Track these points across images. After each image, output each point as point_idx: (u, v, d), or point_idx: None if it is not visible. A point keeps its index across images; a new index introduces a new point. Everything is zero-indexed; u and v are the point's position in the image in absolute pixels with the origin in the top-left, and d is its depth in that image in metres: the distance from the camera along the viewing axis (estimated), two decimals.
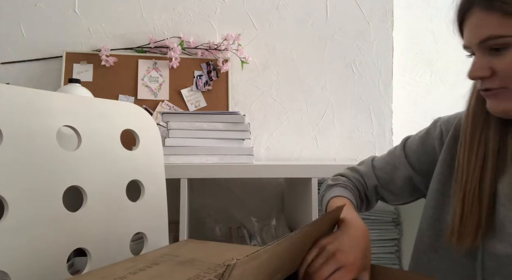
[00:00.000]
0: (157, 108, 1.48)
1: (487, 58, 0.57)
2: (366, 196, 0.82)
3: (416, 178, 0.77)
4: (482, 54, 0.57)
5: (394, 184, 0.79)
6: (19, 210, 0.54)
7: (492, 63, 0.57)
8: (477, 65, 0.58)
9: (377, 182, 0.80)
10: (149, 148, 0.75)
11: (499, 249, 0.60)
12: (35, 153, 0.57)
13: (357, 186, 0.81)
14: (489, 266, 0.61)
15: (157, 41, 1.50)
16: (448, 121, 0.74)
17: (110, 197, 0.67)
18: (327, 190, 0.80)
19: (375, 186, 0.80)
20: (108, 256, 0.65)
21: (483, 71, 0.57)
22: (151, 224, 0.74)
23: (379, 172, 0.81)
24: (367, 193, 0.81)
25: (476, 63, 0.58)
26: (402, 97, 1.67)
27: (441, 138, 0.74)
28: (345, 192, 0.77)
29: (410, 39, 1.70)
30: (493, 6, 0.54)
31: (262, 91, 1.57)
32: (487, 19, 0.55)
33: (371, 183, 0.81)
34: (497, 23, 0.54)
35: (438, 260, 0.69)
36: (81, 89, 1.25)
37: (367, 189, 0.81)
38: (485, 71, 0.57)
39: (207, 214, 1.47)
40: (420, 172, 0.77)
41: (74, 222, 0.61)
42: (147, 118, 0.76)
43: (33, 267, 0.55)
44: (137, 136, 0.73)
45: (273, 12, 1.58)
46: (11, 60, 1.44)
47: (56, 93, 0.62)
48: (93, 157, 0.65)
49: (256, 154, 1.51)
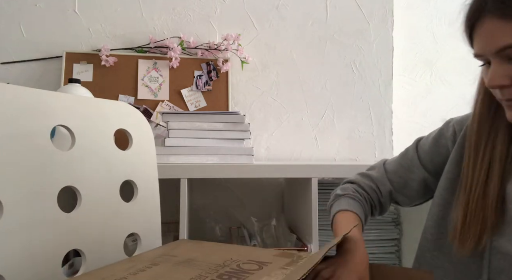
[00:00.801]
0: (157, 108, 1.48)
1: (505, 66, 0.55)
2: (380, 202, 0.80)
3: (429, 179, 0.76)
4: (500, 62, 0.56)
5: (410, 187, 0.78)
6: (13, 211, 0.53)
7: (511, 71, 0.55)
8: (496, 73, 0.56)
9: (392, 187, 0.78)
10: (142, 148, 0.75)
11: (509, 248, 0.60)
12: (29, 153, 0.56)
13: (370, 194, 0.79)
14: (496, 265, 0.61)
15: (157, 41, 1.50)
16: (461, 122, 0.74)
17: (105, 198, 0.67)
18: (335, 201, 0.78)
19: (389, 191, 0.79)
20: (103, 257, 0.64)
21: (503, 79, 0.56)
22: (144, 224, 0.73)
23: (393, 176, 0.79)
24: (381, 199, 0.79)
25: (494, 72, 0.56)
26: (402, 97, 1.67)
27: (454, 138, 0.73)
28: (353, 204, 0.75)
29: (410, 39, 1.70)
30: (508, 14, 0.52)
31: (262, 91, 1.57)
32: (502, 28, 0.53)
33: (385, 189, 0.79)
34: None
35: (442, 257, 0.69)
36: (81, 89, 1.25)
37: (381, 195, 0.79)
38: (505, 79, 0.56)
39: (207, 214, 1.47)
40: (434, 173, 0.76)
41: (69, 223, 0.60)
42: (140, 118, 0.76)
43: (28, 268, 0.54)
44: (130, 136, 0.73)
45: (273, 12, 1.58)
46: (11, 60, 1.44)
47: (48, 91, 0.61)
48: (87, 157, 0.64)
49: (256, 154, 1.51)
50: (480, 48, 0.58)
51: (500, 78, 0.56)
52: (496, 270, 0.61)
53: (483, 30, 0.56)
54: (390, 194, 0.79)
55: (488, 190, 0.62)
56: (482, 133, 0.65)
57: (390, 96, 1.63)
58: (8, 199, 0.53)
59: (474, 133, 0.66)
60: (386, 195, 0.79)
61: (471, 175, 0.64)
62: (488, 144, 0.64)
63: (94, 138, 0.66)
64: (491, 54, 0.56)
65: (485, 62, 0.60)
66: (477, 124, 0.66)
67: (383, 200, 0.79)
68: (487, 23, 0.55)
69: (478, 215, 0.62)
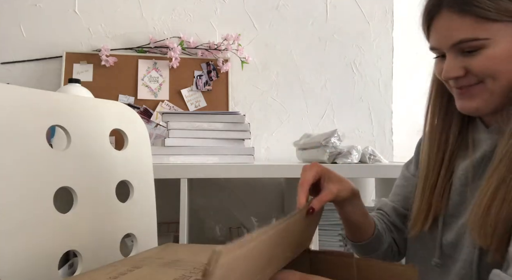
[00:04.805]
0: (157, 108, 1.48)
1: (459, 58, 0.58)
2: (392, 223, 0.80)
3: None
4: (454, 55, 0.59)
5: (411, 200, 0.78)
6: (9, 212, 0.53)
7: (465, 62, 0.58)
8: (451, 65, 0.59)
9: (394, 204, 0.80)
10: (138, 148, 0.75)
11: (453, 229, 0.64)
12: (25, 153, 0.56)
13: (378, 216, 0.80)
14: (445, 246, 0.65)
15: (157, 41, 1.50)
16: None
17: (100, 198, 0.66)
18: None
19: (393, 207, 0.80)
20: (99, 257, 0.64)
21: (457, 71, 0.59)
22: (140, 225, 0.73)
23: (392, 197, 0.82)
24: (390, 219, 0.80)
25: (449, 64, 0.59)
26: (402, 97, 1.67)
27: None
28: None
29: (410, 39, 1.70)
30: (466, 10, 0.55)
31: (262, 91, 1.57)
32: (459, 22, 0.56)
33: (388, 208, 0.80)
34: (471, 27, 0.55)
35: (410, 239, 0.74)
36: (81, 89, 1.25)
37: (388, 215, 0.80)
38: (459, 71, 0.58)
39: (207, 214, 1.47)
40: None
41: (65, 224, 0.60)
42: (135, 117, 0.75)
43: (24, 269, 0.54)
44: (125, 135, 0.73)
45: (273, 12, 1.58)
46: (11, 60, 1.44)
47: (44, 91, 0.61)
48: (82, 157, 0.64)
49: (256, 154, 1.51)
50: (436, 41, 0.61)
51: (455, 70, 0.59)
52: (447, 246, 0.65)
53: (440, 24, 0.59)
54: (394, 210, 0.79)
55: (439, 178, 0.66)
56: (437, 125, 0.68)
57: (390, 96, 1.63)
58: (3, 199, 0.53)
59: (429, 125, 0.70)
60: (392, 213, 0.79)
61: (426, 166, 0.68)
62: (443, 134, 0.68)
63: (90, 138, 0.66)
64: (447, 47, 0.59)
65: (439, 54, 0.63)
66: (431, 115, 0.70)
67: (392, 219, 0.80)
68: (445, 17, 0.58)
69: (429, 201, 0.66)
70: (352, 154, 1.20)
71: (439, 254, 0.66)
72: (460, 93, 0.61)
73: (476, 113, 0.62)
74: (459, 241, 0.63)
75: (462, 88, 0.60)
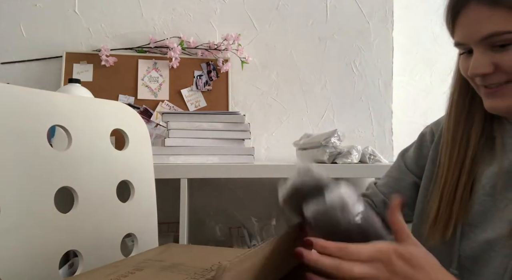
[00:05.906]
0: (157, 108, 1.48)
1: (488, 54, 0.55)
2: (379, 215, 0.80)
3: (419, 183, 0.76)
4: (483, 50, 0.55)
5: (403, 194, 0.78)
6: (10, 212, 0.53)
7: (495, 58, 0.54)
8: (479, 61, 0.55)
9: (384, 197, 0.78)
10: (138, 148, 0.75)
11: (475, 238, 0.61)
12: (25, 153, 0.56)
13: None
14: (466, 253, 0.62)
15: (157, 41, 1.50)
16: (437, 122, 0.76)
17: (101, 198, 0.66)
18: None
19: (383, 200, 0.78)
20: (100, 257, 0.64)
21: (486, 67, 0.55)
22: (141, 225, 0.73)
23: (383, 188, 0.79)
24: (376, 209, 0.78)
25: (477, 59, 0.56)
26: (402, 97, 1.67)
27: (432, 138, 0.74)
28: None
29: (410, 39, 1.70)
30: (497, 1, 0.52)
31: (262, 91, 1.57)
32: (489, 15, 0.52)
33: (378, 199, 0.78)
34: (502, 19, 0.52)
35: None
36: (81, 89, 1.25)
37: (375, 206, 0.79)
38: (488, 67, 0.55)
39: (207, 214, 1.47)
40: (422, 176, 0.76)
41: (66, 224, 0.60)
42: (136, 117, 0.75)
43: (25, 269, 0.54)
44: (126, 135, 0.73)
45: (273, 12, 1.58)
46: (11, 60, 1.44)
47: (44, 91, 0.61)
48: (83, 157, 0.64)
49: (256, 154, 1.51)
50: (463, 36, 0.57)
51: (483, 67, 0.55)
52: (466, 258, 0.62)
53: (468, 17, 0.55)
54: (384, 204, 0.78)
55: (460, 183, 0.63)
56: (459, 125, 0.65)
57: (390, 96, 1.62)
58: (4, 199, 0.53)
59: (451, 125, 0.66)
60: (381, 206, 0.78)
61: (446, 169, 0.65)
62: (464, 136, 0.64)
63: (90, 138, 0.66)
64: (475, 42, 0.55)
65: (465, 50, 0.59)
66: (454, 115, 0.66)
67: (377, 210, 0.78)
68: (474, 9, 0.54)
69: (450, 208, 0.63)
70: (352, 154, 1.20)
71: (457, 266, 0.63)
72: (488, 92, 0.58)
73: (507, 114, 0.59)
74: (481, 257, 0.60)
75: (490, 87, 0.57)
